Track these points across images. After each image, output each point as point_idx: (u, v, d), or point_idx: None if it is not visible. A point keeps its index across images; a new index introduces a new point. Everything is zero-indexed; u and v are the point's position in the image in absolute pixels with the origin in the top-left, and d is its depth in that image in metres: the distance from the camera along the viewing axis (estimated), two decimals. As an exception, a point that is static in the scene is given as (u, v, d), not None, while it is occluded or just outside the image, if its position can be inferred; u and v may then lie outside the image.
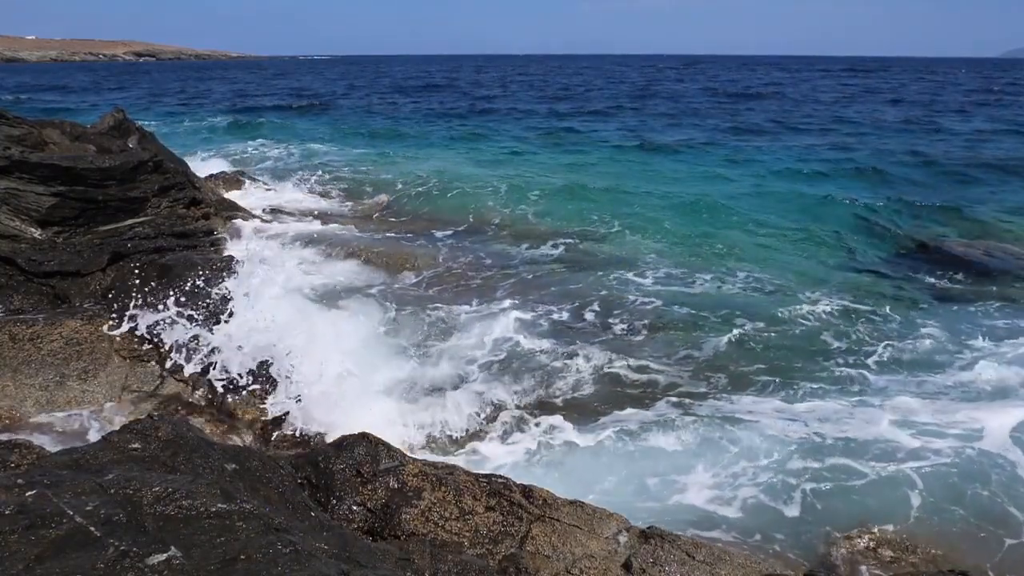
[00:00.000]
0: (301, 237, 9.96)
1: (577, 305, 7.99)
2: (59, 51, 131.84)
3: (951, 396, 6.02)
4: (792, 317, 7.64)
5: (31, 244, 6.95)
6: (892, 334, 7.28)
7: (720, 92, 44.38)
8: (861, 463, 4.95)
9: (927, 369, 6.54)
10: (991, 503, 4.64)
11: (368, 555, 3.22)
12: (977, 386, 6.19)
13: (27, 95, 41.39)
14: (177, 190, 8.26)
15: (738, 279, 8.94)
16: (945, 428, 5.36)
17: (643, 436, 5.34)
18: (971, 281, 8.96)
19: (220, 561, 2.57)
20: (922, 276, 9.26)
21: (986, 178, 15.58)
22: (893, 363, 6.71)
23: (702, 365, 6.68)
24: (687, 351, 6.93)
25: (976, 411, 5.63)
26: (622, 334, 7.32)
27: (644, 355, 6.86)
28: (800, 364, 6.61)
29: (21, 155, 6.95)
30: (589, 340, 7.15)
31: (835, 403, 5.85)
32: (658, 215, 12.10)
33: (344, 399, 5.67)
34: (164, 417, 3.79)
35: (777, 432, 5.32)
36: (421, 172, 15.36)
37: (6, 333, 5.91)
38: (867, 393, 6.12)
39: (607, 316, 7.71)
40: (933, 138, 22.53)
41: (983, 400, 5.94)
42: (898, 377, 6.40)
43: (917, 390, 6.13)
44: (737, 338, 7.13)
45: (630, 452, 5.17)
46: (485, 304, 8.06)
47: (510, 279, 8.87)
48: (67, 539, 2.60)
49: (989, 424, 5.38)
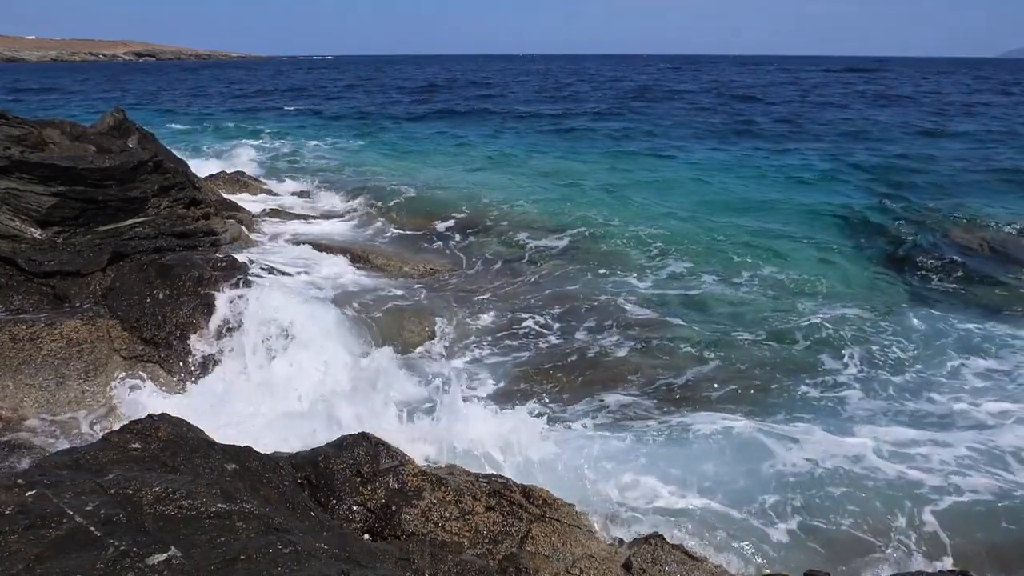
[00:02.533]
0: (301, 238, 9.98)
1: (566, 310, 7.98)
2: (59, 51, 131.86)
3: (940, 416, 5.94)
4: (787, 327, 7.57)
5: (31, 244, 6.95)
6: (887, 343, 7.24)
7: (722, 92, 44.34)
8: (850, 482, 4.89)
9: (916, 386, 6.43)
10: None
11: (368, 555, 3.22)
12: (966, 402, 6.13)
13: (27, 95, 41.37)
14: (177, 190, 8.26)
15: (733, 283, 8.90)
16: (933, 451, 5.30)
17: (611, 439, 5.32)
18: (973, 288, 8.92)
19: (220, 561, 2.57)
20: (920, 281, 9.25)
21: (987, 181, 15.54)
22: (883, 371, 6.68)
23: (691, 373, 6.59)
24: (675, 359, 6.86)
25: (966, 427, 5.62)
26: (604, 340, 7.30)
27: (628, 359, 6.84)
28: (785, 380, 6.48)
29: (21, 155, 6.95)
30: (576, 345, 7.14)
31: (818, 422, 5.71)
32: (656, 216, 12.11)
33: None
34: (164, 417, 3.79)
35: (764, 446, 5.26)
36: (420, 173, 15.38)
37: (6, 333, 5.91)
38: (855, 408, 6.08)
39: (595, 322, 7.70)
40: (934, 138, 22.51)
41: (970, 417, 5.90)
42: (886, 392, 6.32)
43: (905, 408, 6.06)
44: (728, 346, 7.09)
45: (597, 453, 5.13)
46: (484, 303, 8.08)
47: (502, 281, 8.90)
48: (67, 539, 2.60)
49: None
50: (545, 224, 11.24)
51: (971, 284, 9.13)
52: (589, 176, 15.75)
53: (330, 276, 8.41)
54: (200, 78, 67.49)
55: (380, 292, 8.01)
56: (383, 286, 8.30)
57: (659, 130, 24.66)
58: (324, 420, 5.39)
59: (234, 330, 6.47)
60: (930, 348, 7.06)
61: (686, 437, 5.37)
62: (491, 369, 6.69)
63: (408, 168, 16.23)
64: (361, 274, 8.75)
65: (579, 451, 5.10)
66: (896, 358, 6.88)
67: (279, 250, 9.21)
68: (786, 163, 17.92)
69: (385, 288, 8.20)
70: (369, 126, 26.48)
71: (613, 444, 5.24)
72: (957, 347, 7.07)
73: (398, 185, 13.53)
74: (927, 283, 9.21)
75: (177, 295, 6.68)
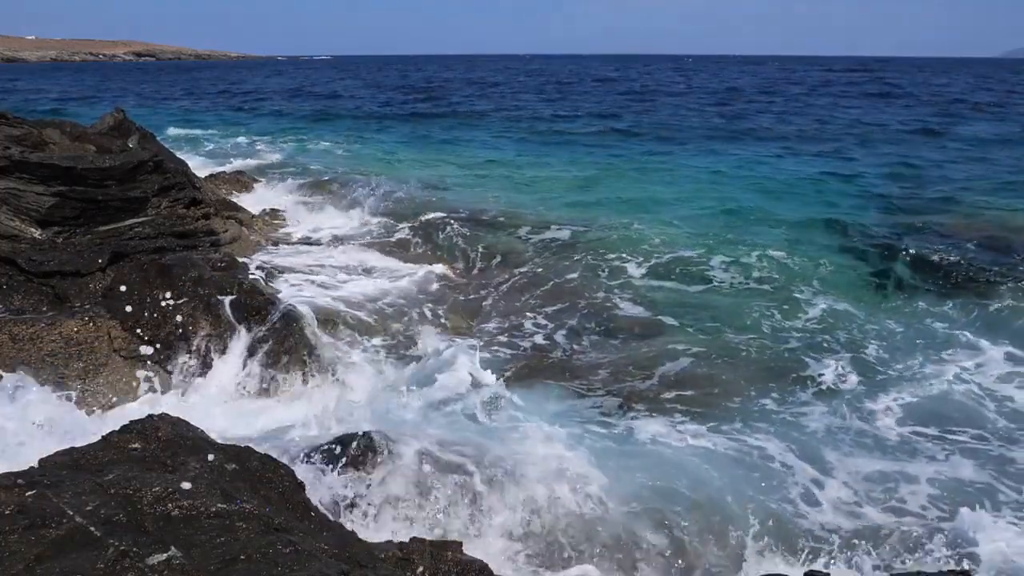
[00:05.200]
0: (301, 238, 9.99)
1: (558, 309, 8.02)
2: (59, 51, 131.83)
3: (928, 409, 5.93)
4: (775, 330, 7.53)
5: (31, 244, 6.95)
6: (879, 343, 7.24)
7: (722, 92, 44.34)
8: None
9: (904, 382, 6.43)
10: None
11: (368, 555, 3.22)
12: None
13: (27, 95, 41.37)
14: (177, 190, 8.26)
15: (728, 283, 8.87)
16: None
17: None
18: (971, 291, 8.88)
19: (220, 561, 2.57)
20: (918, 285, 9.21)
21: (989, 180, 15.52)
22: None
23: (659, 376, 6.52)
24: (649, 361, 6.83)
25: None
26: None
27: (601, 359, 6.84)
28: (771, 382, 6.44)
29: (21, 155, 6.95)
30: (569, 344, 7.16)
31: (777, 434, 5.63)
32: (655, 216, 12.11)
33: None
34: (164, 417, 3.78)
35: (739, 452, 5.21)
36: (418, 173, 15.38)
37: (6, 333, 5.91)
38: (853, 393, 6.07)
39: (578, 321, 7.73)
40: (935, 140, 22.49)
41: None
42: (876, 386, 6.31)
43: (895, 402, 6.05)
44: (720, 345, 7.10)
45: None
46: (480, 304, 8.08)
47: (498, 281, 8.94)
48: (67, 539, 2.60)
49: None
50: (538, 223, 11.20)
51: (974, 283, 9.07)
52: (590, 177, 15.76)
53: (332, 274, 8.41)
54: (200, 78, 67.50)
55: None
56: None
57: (659, 131, 24.63)
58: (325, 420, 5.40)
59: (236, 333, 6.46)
60: (923, 358, 6.97)
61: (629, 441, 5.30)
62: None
63: (405, 169, 16.27)
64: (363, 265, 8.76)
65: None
66: (883, 361, 6.83)
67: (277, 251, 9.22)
68: (785, 163, 17.90)
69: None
70: (365, 126, 26.50)
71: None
72: (948, 362, 6.95)
73: (396, 185, 13.56)
74: (927, 282, 9.18)
75: (177, 295, 6.67)
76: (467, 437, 4.91)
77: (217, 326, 6.45)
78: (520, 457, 4.65)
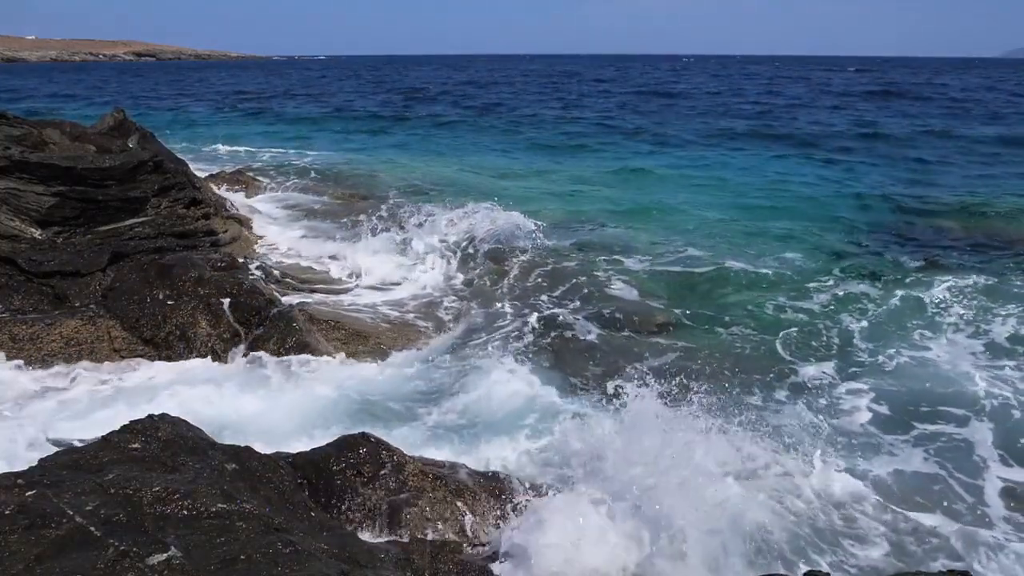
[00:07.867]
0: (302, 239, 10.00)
1: (558, 295, 8.21)
2: (59, 51, 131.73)
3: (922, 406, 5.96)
4: (773, 323, 7.61)
5: (31, 244, 6.95)
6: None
7: (726, 92, 44.26)
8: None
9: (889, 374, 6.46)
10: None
11: (368, 555, 3.22)
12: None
13: (27, 95, 41.37)
14: (177, 190, 8.25)
15: (731, 281, 8.92)
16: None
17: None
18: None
19: (220, 561, 2.57)
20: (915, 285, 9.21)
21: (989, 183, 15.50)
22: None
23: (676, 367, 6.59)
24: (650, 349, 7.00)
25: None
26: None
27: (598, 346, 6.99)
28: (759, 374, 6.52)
29: (21, 155, 6.96)
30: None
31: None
32: (661, 212, 12.14)
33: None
34: (164, 417, 3.78)
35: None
36: (416, 174, 15.38)
37: (6, 333, 5.91)
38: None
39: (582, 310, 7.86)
40: (936, 140, 22.46)
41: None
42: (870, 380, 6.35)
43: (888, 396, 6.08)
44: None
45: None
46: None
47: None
48: (67, 539, 2.60)
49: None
50: (545, 223, 11.20)
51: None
52: (595, 177, 15.79)
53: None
54: (200, 78, 67.47)
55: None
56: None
57: (663, 130, 24.61)
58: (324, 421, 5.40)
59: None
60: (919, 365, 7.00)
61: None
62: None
63: (404, 170, 16.28)
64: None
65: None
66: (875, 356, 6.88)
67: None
68: (786, 163, 17.91)
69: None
70: (363, 126, 26.49)
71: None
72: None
73: (394, 185, 13.58)
74: (927, 282, 9.17)
75: (177, 295, 6.67)
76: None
77: (217, 326, 6.46)
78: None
